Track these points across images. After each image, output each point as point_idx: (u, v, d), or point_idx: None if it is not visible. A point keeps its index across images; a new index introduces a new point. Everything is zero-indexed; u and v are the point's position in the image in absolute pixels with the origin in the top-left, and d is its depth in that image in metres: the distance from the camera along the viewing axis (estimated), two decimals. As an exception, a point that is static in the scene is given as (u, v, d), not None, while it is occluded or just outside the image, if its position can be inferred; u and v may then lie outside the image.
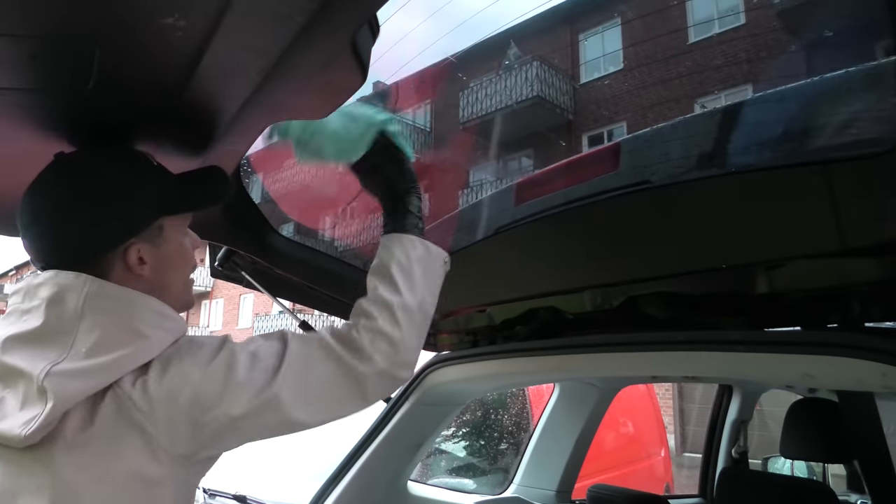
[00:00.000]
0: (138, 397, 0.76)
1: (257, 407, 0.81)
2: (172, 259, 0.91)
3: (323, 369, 0.87)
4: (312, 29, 0.79)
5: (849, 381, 0.98)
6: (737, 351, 1.03)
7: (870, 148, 0.83)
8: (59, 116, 0.95)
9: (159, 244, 0.88)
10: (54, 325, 0.77)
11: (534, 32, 4.60)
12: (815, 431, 1.91)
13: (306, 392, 0.85)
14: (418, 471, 2.37)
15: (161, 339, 0.82)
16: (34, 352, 0.75)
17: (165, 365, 0.79)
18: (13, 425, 0.72)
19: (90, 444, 0.74)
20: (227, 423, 0.80)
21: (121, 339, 0.78)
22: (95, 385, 0.75)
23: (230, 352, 0.83)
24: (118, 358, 0.76)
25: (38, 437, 0.72)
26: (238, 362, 0.82)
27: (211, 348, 0.83)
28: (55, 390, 0.72)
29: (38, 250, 0.85)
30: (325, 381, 0.87)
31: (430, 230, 1.78)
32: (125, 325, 0.79)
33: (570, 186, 1.23)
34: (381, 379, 0.90)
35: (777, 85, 0.97)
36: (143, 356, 0.79)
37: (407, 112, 4.44)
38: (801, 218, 0.90)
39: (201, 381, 0.79)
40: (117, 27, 0.74)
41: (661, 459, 4.48)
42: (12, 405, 0.73)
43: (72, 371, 0.74)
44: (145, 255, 0.86)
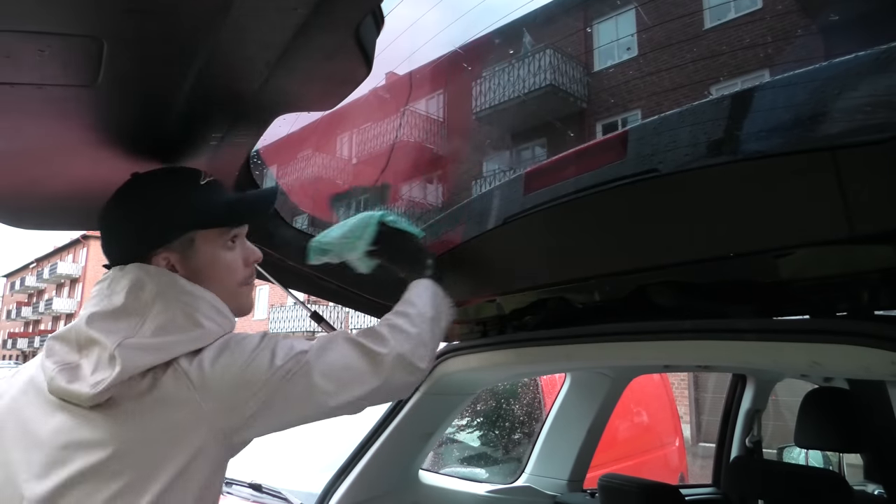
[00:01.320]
0: (194, 374, 0.89)
1: (290, 381, 0.93)
2: (206, 271, 1.01)
3: (345, 349, 1.01)
4: (316, 20, 0.79)
5: (858, 370, 0.98)
6: (745, 340, 1.02)
7: (878, 133, 0.82)
8: (72, 112, 0.96)
9: (191, 255, 1.00)
10: (131, 306, 0.91)
11: (547, 20, 4.57)
12: (829, 421, 1.89)
13: (331, 368, 0.97)
14: (430, 460, 2.39)
15: (214, 330, 0.94)
16: (111, 326, 0.89)
17: (219, 350, 0.92)
18: (83, 386, 0.85)
19: (147, 409, 0.86)
20: (266, 400, 0.91)
21: (182, 325, 0.91)
22: (155, 360, 0.88)
23: (272, 342, 0.96)
24: (177, 340, 0.90)
25: (103, 397, 0.85)
26: (278, 349, 0.95)
27: (255, 339, 0.96)
28: (123, 358, 0.85)
29: (102, 249, 1.02)
30: (347, 357, 1.00)
31: (441, 220, 1.79)
32: (187, 314, 0.92)
33: (577, 175, 1.23)
34: (398, 361, 1.04)
35: (794, 69, 0.96)
36: (198, 342, 0.92)
37: (419, 102, 4.44)
38: (809, 205, 0.89)
39: (248, 365, 0.91)
40: (124, 21, 0.75)
41: (676, 449, 4.46)
42: (86, 370, 0.87)
43: (139, 345, 0.87)
44: (176, 264, 0.98)
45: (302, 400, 0.95)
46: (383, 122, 3.74)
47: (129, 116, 1.01)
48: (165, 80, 0.91)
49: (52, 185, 1.20)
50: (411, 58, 2.13)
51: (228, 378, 0.90)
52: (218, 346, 0.93)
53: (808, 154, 0.87)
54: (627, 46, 5.17)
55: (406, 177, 3.58)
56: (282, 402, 0.93)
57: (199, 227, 1.00)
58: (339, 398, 0.98)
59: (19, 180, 1.17)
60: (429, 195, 5.04)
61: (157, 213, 0.98)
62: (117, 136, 1.05)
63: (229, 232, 1.03)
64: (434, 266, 1.27)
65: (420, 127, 5.41)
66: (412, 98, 3.04)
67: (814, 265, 0.96)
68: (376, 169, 2.97)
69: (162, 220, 0.98)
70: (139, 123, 1.03)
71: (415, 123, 5.04)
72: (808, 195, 0.89)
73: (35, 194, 1.22)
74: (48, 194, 1.23)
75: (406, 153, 3.44)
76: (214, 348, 0.92)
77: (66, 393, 0.87)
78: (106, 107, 0.96)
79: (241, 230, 1.06)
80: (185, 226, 0.99)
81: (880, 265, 0.91)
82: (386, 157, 3.16)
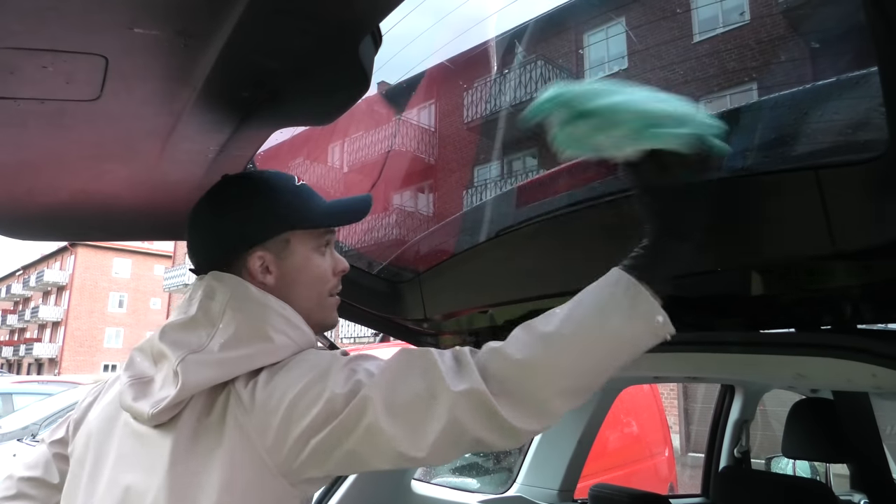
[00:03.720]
0: (246, 398, 0.80)
1: (346, 414, 0.76)
2: (299, 273, 0.95)
3: (414, 379, 0.78)
4: (319, 39, 0.81)
5: (841, 382, 1.00)
6: (732, 352, 1.05)
7: (860, 153, 0.85)
8: (72, 125, 0.97)
9: (285, 257, 0.94)
10: (202, 318, 0.86)
11: (539, 32, 4.62)
12: (815, 431, 1.92)
13: (394, 399, 0.76)
14: (422, 470, 2.39)
15: (285, 344, 0.85)
16: (181, 339, 0.84)
17: (275, 372, 0.82)
18: (145, 405, 0.81)
19: (203, 434, 0.80)
20: (318, 437, 0.77)
21: (249, 338, 0.84)
22: (217, 377, 0.81)
23: (337, 365, 0.81)
24: (242, 356, 0.82)
25: (163, 417, 0.80)
26: (339, 374, 0.79)
27: (323, 360, 0.82)
28: (184, 375, 0.79)
29: (189, 256, 0.97)
30: (411, 391, 0.77)
31: (434, 232, 1.81)
32: (256, 326, 0.85)
33: (569, 190, 1.25)
34: (467, 400, 0.74)
35: (782, 86, 0.99)
36: (265, 358, 0.83)
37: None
38: (793, 222, 0.91)
39: (299, 393, 0.78)
40: (127, 39, 0.77)
41: (665, 459, 4.49)
42: (156, 385, 0.83)
43: (202, 361, 0.81)
44: (270, 264, 0.93)
45: (358, 433, 0.76)
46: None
47: (129, 130, 1.03)
48: (166, 94, 0.93)
49: (50, 197, 1.21)
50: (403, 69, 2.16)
51: (277, 408, 0.78)
52: (280, 366, 0.83)
53: (793, 173, 0.90)
54: (618, 59, 5.22)
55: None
56: (342, 440, 0.77)
57: (296, 226, 0.95)
58: (411, 446, 0.75)
59: (17, 191, 1.17)
60: (420, 204, 5.06)
61: (255, 211, 0.94)
62: (117, 150, 1.07)
63: (323, 236, 0.98)
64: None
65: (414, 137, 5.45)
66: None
67: (798, 280, 0.99)
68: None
69: (259, 217, 0.94)
70: (139, 137, 1.05)
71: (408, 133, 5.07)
72: (792, 212, 0.91)
73: (33, 205, 1.23)
74: (46, 206, 1.24)
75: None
76: (274, 369, 0.82)
77: (131, 410, 0.84)
78: (106, 121, 0.98)
79: (332, 237, 1.01)
80: (283, 225, 0.94)
81: (862, 281, 0.93)
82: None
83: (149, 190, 1.21)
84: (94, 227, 1.38)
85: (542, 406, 0.77)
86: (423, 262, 1.66)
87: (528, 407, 0.76)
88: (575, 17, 4.86)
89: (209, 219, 0.96)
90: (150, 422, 0.81)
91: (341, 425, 0.76)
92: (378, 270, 1.80)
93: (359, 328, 17.41)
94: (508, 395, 0.76)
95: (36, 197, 1.19)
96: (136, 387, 0.85)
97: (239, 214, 0.94)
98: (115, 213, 1.30)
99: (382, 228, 2.62)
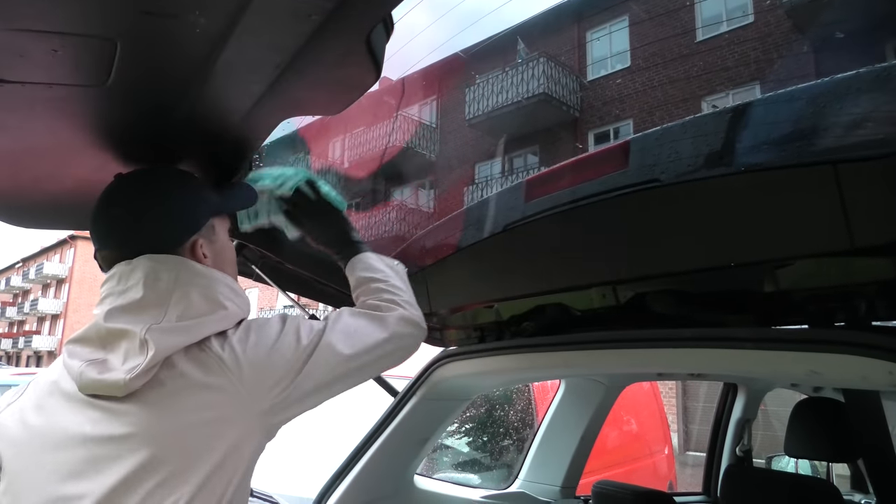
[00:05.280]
0: (227, 356, 0.90)
1: (315, 355, 0.96)
2: (224, 253, 1.07)
3: (353, 318, 1.06)
4: (329, 27, 0.80)
5: (855, 379, 0.99)
6: (745, 348, 1.04)
7: (880, 149, 0.84)
8: (81, 112, 0.96)
9: (214, 240, 1.05)
10: (151, 296, 0.92)
11: (541, 29, 4.60)
12: (820, 431, 1.91)
13: (346, 335, 1.02)
14: (425, 465, 2.39)
15: (235, 312, 0.97)
16: (136, 317, 0.90)
17: (245, 333, 0.95)
18: (116, 374, 0.85)
19: (182, 396, 0.87)
20: (298, 378, 0.94)
21: (205, 307, 0.93)
22: (186, 340, 0.90)
23: (294, 322, 0.99)
24: (203, 321, 0.92)
25: (138, 382, 0.85)
26: (301, 329, 0.98)
27: (277, 321, 0.99)
28: (154, 341, 0.86)
29: (120, 258, 0.98)
30: (357, 323, 1.05)
31: (440, 225, 1.80)
32: (209, 296, 0.95)
33: (579, 184, 1.24)
34: (401, 320, 1.10)
35: (784, 84, 0.98)
36: (223, 323, 0.94)
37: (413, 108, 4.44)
38: (809, 217, 0.90)
39: (277, 346, 0.94)
40: (139, 23, 0.76)
41: (665, 457, 4.49)
42: (115, 362, 0.87)
43: (167, 328, 0.89)
44: (206, 249, 1.02)
45: (329, 371, 0.98)
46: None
47: (136, 117, 1.01)
48: (175, 81, 0.91)
49: (55, 185, 1.19)
50: (405, 64, 2.15)
51: (262, 359, 0.92)
52: (244, 328, 0.95)
53: (811, 167, 0.89)
54: (620, 57, 5.21)
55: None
56: (311, 378, 0.95)
57: (218, 212, 1.06)
58: (360, 359, 1.02)
59: (22, 179, 1.16)
60: (423, 200, 5.04)
61: (190, 201, 1.02)
62: (124, 137, 1.06)
63: (229, 219, 1.11)
64: (359, 237, 1.25)
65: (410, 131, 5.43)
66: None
67: (813, 276, 0.98)
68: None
69: (195, 206, 1.02)
70: (146, 124, 1.04)
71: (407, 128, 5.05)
72: (810, 207, 0.90)
73: (37, 193, 1.22)
74: (51, 193, 1.23)
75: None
76: (241, 331, 0.95)
77: (100, 384, 0.86)
78: (114, 107, 0.97)
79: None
80: (210, 211, 1.04)
81: (878, 277, 0.92)
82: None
83: (155, 179, 1.19)
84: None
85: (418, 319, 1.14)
86: (428, 257, 1.66)
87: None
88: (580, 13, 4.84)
89: (146, 210, 1.00)
90: (123, 390, 0.84)
91: (314, 365, 0.95)
92: (383, 264, 1.79)
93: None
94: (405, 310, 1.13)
95: (41, 184, 1.18)
96: (96, 366, 0.88)
97: (180, 204, 1.01)
98: (121, 202, 1.29)
99: (388, 223, 2.61)
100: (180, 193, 1.03)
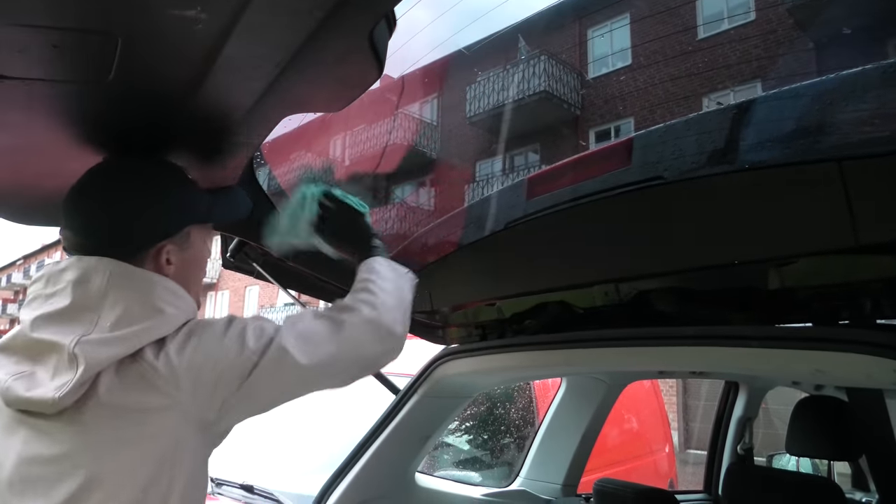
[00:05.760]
0: (162, 366, 0.83)
1: (264, 361, 0.89)
2: (194, 263, 1.02)
3: (312, 320, 0.98)
4: (330, 24, 0.80)
5: (859, 377, 0.99)
6: (749, 346, 1.03)
7: (885, 146, 0.83)
8: (81, 108, 0.96)
9: (185, 248, 0.99)
10: (80, 303, 0.85)
11: (542, 27, 4.59)
12: (822, 429, 1.91)
13: (300, 339, 0.93)
14: (426, 463, 2.39)
15: (176, 316, 0.90)
16: (63, 327, 0.83)
17: (185, 339, 0.87)
18: (45, 391, 0.79)
19: (116, 411, 0.81)
20: (242, 385, 0.87)
21: (141, 313, 0.86)
22: (120, 352, 0.83)
23: (240, 325, 0.92)
24: (139, 330, 0.84)
25: (69, 400, 0.79)
26: (248, 332, 0.91)
27: (222, 324, 0.92)
28: (85, 356, 0.80)
29: (81, 245, 0.93)
30: (314, 326, 0.97)
31: (442, 223, 1.79)
32: (145, 301, 0.87)
33: (581, 182, 1.24)
34: (366, 326, 1.00)
35: (786, 82, 0.98)
36: (162, 329, 0.87)
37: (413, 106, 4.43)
38: (814, 214, 0.90)
39: (219, 351, 0.87)
40: (140, 19, 0.75)
41: (665, 455, 4.48)
42: (43, 376, 0.81)
43: (99, 340, 0.82)
44: (172, 256, 0.96)
45: (278, 377, 0.91)
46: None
47: (137, 114, 1.01)
48: (176, 77, 0.91)
49: (57, 181, 1.19)
50: (406, 61, 2.14)
51: (199, 366, 0.85)
52: (184, 333, 0.88)
53: (816, 165, 0.88)
54: (621, 55, 5.19)
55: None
56: (259, 385, 0.89)
57: (197, 221, 1.01)
58: (314, 370, 0.94)
59: (24, 175, 1.16)
60: (422, 198, 5.04)
61: (162, 205, 0.96)
62: (125, 133, 1.05)
63: (212, 227, 1.07)
64: (382, 245, 1.20)
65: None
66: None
67: (818, 274, 0.98)
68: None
69: (167, 211, 0.96)
70: (147, 121, 1.03)
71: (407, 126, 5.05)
72: (814, 205, 0.90)
73: (39, 190, 1.21)
74: (53, 190, 1.22)
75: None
76: (181, 336, 0.88)
77: (27, 402, 0.80)
78: (115, 104, 0.96)
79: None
80: (187, 219, 0.99)
81: (883, 275, 0.92)
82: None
83: (157, 175, 1.19)
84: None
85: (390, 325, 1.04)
86: (430, 254, 1.65)
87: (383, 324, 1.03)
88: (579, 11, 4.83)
89: (121, 207, 0.94)
90: (53, 408, 0.79)
91: (263, 371, 0.88)
92: (384, 262, 1.79)
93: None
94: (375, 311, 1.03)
95: (43, 181, 1.17)
96: (23, 380, 0.81)
97: (152, 208, 0.95)
98: (122, 198, 1.28)
99: (389, 220, 2.61)
100: (157, 194, 0.96)
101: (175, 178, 1.02)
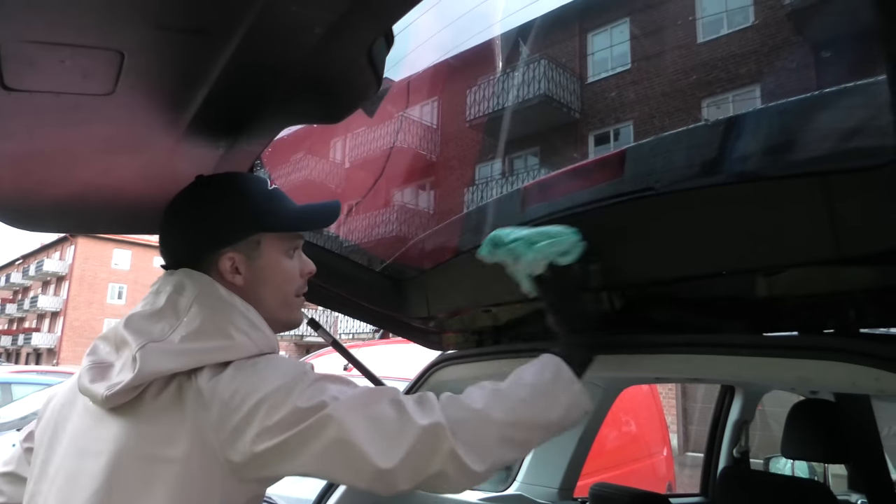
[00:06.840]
0: (207, 391, 0.83)
1: (308, 430, 0.82)
2: (266, 273, 0.98)
3: (381, 408, 0.86)
4: (331, 40, 0.82)
5: (844, 385, 1.01)
6: (736, 354, 1.06)
7: (868, 160, 0.86)
8: (85, 119, 0.98)
9: (255, 258, 0.98)
10: (168, 310, 0.89)
11: (542, 32, 4.62)
12: (815, 432, 1.93)
13: (354, 429, 0.83)
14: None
15: (244, 345, 0.88)
16: (143, 328, 0.87)
17: (239, 370, 0.85)
18: (101, 387, 0.83)
19: (159, 422, 0.83)
20: (281, 441, 0.81)
21: (210, 333, 0.87)
22: (177, 366, 0.84)
23: (306, 378, 0.86)
24: (202, 348, 0.85)
25: (117, 400, 0.82)
26: (308, 389, 0.84)
27: (288, 368, 0.87)
28: (143, 361, 0.82)
29: (161, 251, 1.00)
30: (378, 420, 0.85)
31: (436, 231, 1.82)
32: (219, 323, 0.88)
33: (575, 192, 1.26)
34: (431, 439, 0.85)
35: (784, 86, 1.00)
36: (224, 355, 0.86)
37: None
38: (799, 227, 0.92)
39: (267, 394, 0.82)
40: (146, 37, 0.78)
41: (664, 458, 4.50)
42: (115, 371, 0.85)
43: (162, 349, 0.84)
44: (240, 265, 0.96)
45: (320, 455, 0.82)
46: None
47: (141, 125, 1.03)
48: (179, 91, 0.93)
49: (60, 189, 1.21)
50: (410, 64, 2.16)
51: (239, 401, 0.82)
52: (246, 364, 0.86)
53: (801, 178, 0.91)
54: (621, 59, 5.23)
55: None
56: (299, 450, 0.82)
57: (268, 229, 0.98)
58: (359, 469, 0.82)
59: (28, 182, 1.18)
60: (421, 203, 5.07)
61: (228, 213, 0.97)
62: (128, 144, 1.07)
63: (293, 240, 1.02)
64: (587, 343, 1.08)
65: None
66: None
67: (803, 284, 1.00)
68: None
69: (232, 218, 0.97)
70: (150, 132, 1.06)
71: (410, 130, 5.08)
72: (799, 217, 0.92)
73: (43, 197, 1.24)
74: (55, 197, 1.25)
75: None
76: (237, 366, 0.85)
77: (87, 392, 0.86)
78: (119, 115, 0.99)
79: (301, 241, 1.04)
80: (254, 226, 0.97)
81: (866, 285, 0.94)
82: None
83: (158, 184, 1.21)
84: (103, 220, 1.39)
85: (489, 450, 0.89)
86: (428, 260, 1.67)
87: (478, 449, 0.88)
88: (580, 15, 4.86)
89: (183, 218, 0.99)
90: (104, 404, 0.83)
91: (299, 436, 0.81)
92: (382, 268, 1.81)
93: (357, 324, 17.40)
94: (463, 434, 0.88)
95: (46, 188, 1.20)
96: (95, 370, 0.87)
97: (213, 216, 0.97)
98: (124, 206, 1.31)
99: (387, 225, 2.63)
100: (216, 202, 0.98)
101: (242, 186, 1.01)
